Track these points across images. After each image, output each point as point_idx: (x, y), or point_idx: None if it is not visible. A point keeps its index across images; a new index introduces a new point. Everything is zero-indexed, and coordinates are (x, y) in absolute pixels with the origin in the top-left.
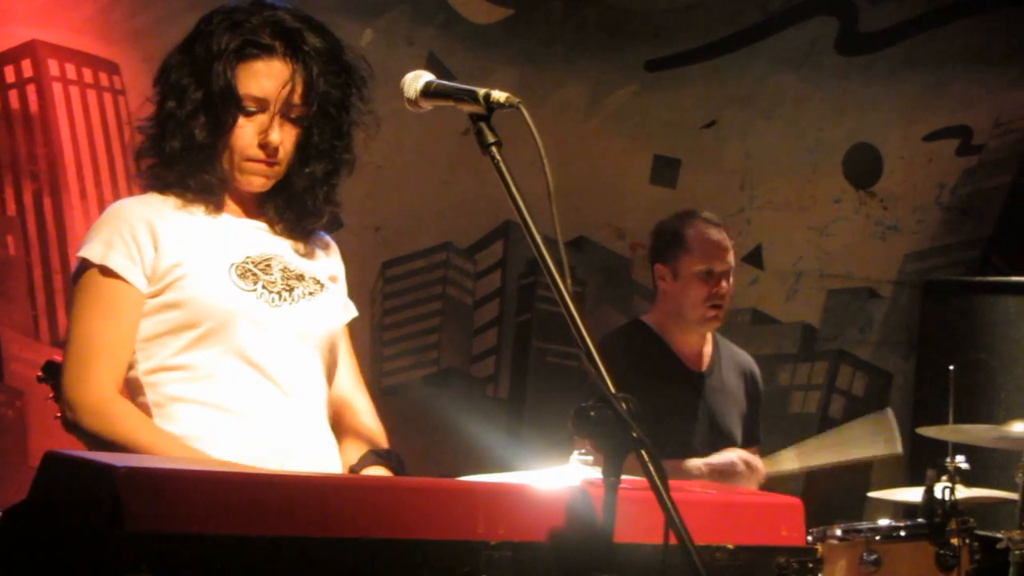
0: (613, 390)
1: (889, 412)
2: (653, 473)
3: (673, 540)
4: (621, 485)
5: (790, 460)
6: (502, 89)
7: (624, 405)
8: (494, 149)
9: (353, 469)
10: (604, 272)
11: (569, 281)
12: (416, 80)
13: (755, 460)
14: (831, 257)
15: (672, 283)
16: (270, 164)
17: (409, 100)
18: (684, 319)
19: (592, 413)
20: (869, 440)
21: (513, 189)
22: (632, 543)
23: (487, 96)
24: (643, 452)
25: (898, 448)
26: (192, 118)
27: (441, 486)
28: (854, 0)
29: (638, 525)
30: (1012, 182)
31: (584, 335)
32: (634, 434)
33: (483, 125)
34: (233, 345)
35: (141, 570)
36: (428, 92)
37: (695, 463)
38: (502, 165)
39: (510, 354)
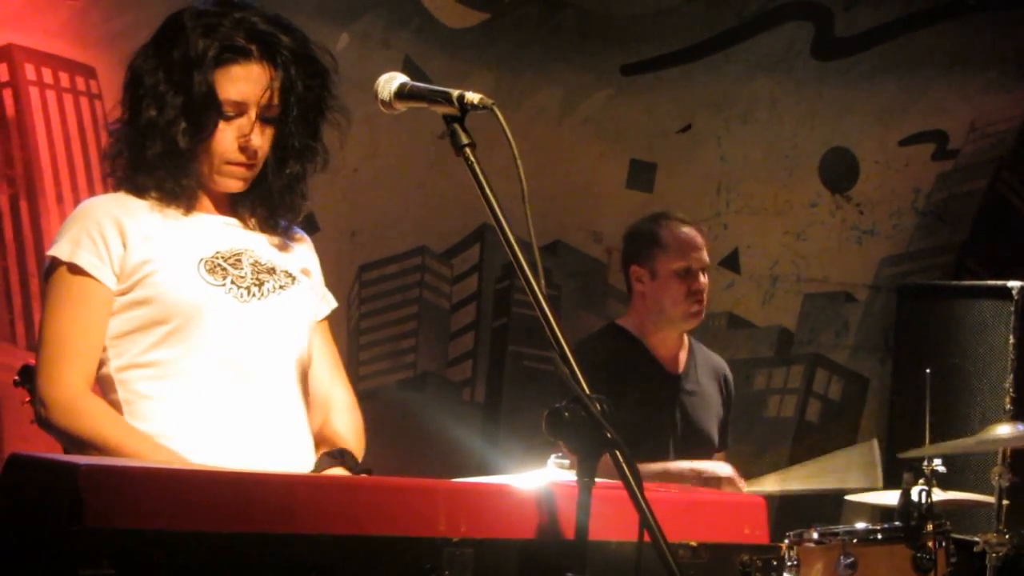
0: (587, 391)
1: (874, 443)
2: (627, 474)
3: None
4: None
5: (771, 484)
6: (477, 92)
7: (597, 406)
8: (468, 151)
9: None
10: (580, 276)
11: (543, 283)
12: (390, 82)
13: (740, 483)
14: (807, 261)
15: (650, 283)
16: (249, 167)
17: (383, 102)
18: (666, 318)
19: (566, 414)
20: (851, 472)
21: (487, 190)
22: (596, 541)
23: (460, 97)
24: (617, 452)
25: (879, 483)
26: (173, 124)
27: (403, 484)
28: (829, 5)
29: (603, 523)
30: (987, 187)
31: (558, 336)
32: (608, 435)
33: (457, 127)
34: (202, 341)
35: (102, 565)
36: (402, 94)
37: (682, 465)
38: (476, 167)
39: (486, 358)
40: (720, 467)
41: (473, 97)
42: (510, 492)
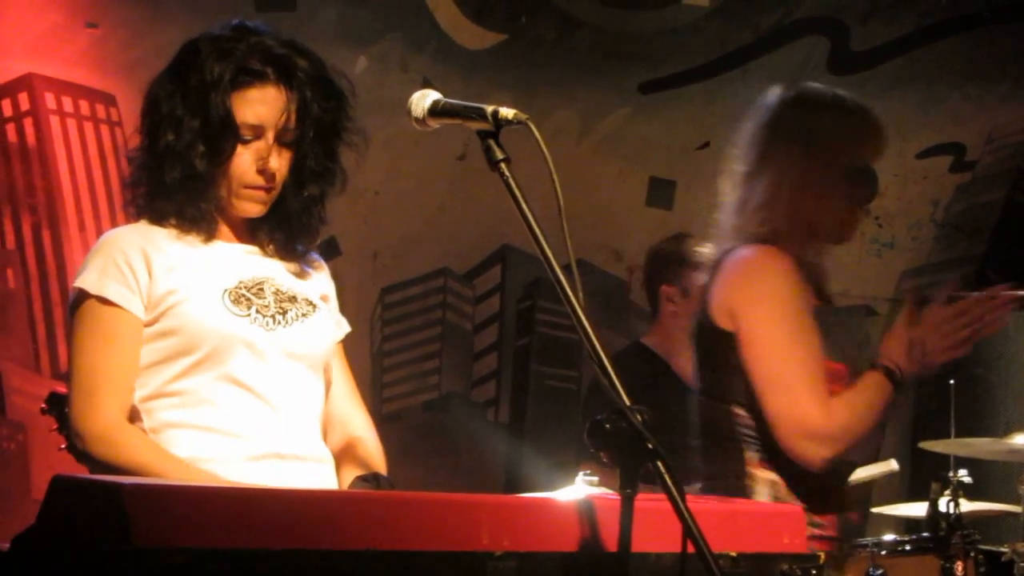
0: (628, 402)
1: (893, 462)
2: (670, 484)
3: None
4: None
5: None
6: None
7: (639, 417)
8: (503, 166)
9: None
10: (602, 294)
11: (581, 296)
12: (423, 99)
13: None
14: (827, 275)
15: (683, 302)
16: (267, 190)
17: (416, 119)
18: None
19: (607, 426)
20: (868, 470)
21: (523, 205)
22: (637, 553)
23: (495, 113)
24: (659, 463)
25: (893, 465)
26: (191, 149)
27: (445, 499)
28: (845, 20)
29: (644, 534)
30: (1005, 197)
31: (598, 348)
32: (649, 445)
33: (491, 142)
34: (228, 370)
35: None
36: (436, 111)
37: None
38: (511, 181)
39: (510, 378)
40: None
41: (507, 113)
42: (552, 505)
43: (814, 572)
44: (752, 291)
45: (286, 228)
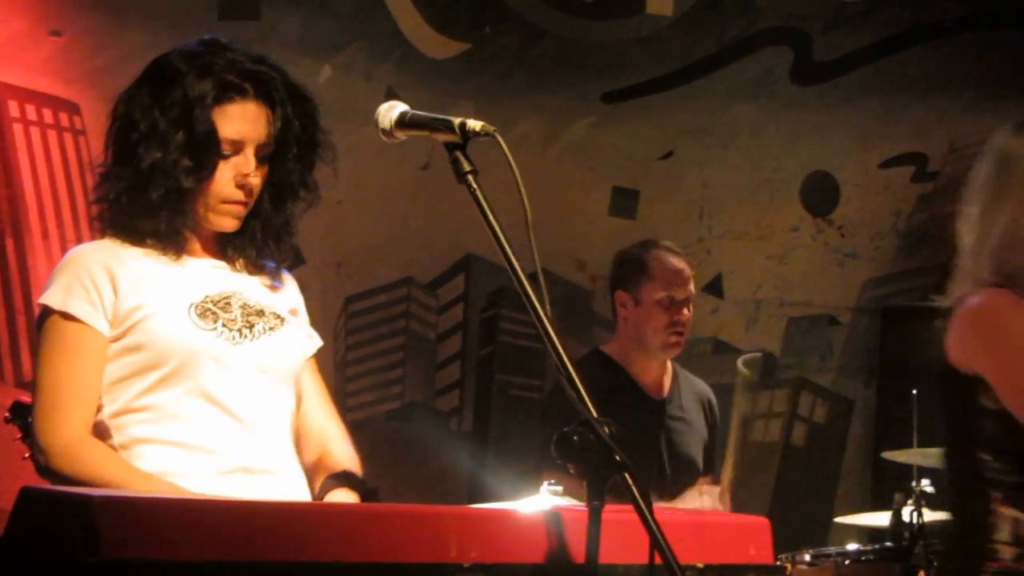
0: (595, 414)
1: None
2: (637, 496)
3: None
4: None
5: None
6: None
7: (606, 429)
8: (470, 178)
9: (316, 499)
10: (565, 304)
11: (548, 308)
12: (391, 110)
13: (715, 492)
14: (790, 285)
15: (633, 310)
16: (245, 204)
17: (384, 131)
18: (646, 346)
19: (575, 438)
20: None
21: (491, 218)
22: (605, 564)
23: (463, 125)
24: (627, 475)
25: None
26: (177, 164)
27: (413, 510)
28: (808, 30)
29: (611, 546)
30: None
31: (565, 361)
32: (617, 457)
33: (459, 154)
34: (196, 384)
35: None
36: (403, 122)
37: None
38: (479, 194)
39: (473, 387)
40: (693, 501)
41: (475, 124)
42: (520, 517)
43: None
44: (991, 336)
45: (257, 244)
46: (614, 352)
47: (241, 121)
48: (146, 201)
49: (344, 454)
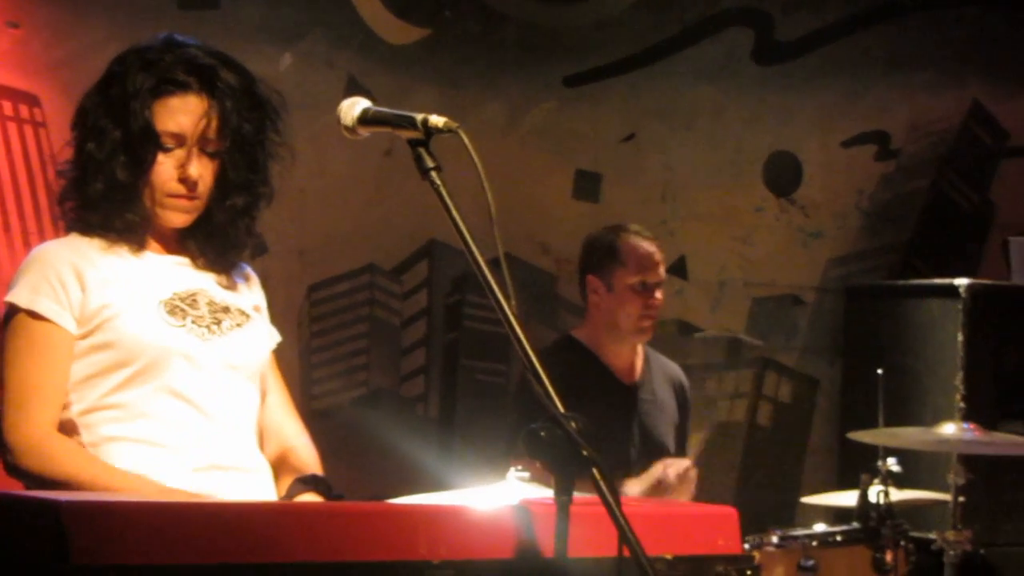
0: (561, 410)
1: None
2: (605, 491)
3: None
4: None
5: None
6: (423, 109)
7: (573, 424)
8: (434, 174)
9: (283, 501)
10: (530, 288)
11: (514, 303)
12: (353, 107)
13: (682, 465)
14: (754, 265)
15: (606, 296)
16: (190, 198)
17: (346, 127)
18: (618, 331)
19: (543, 434)
20: None
21: (455, 214)
22: (574, 558)
23: (425, 121)
24: (594, 470)
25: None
26: (112, 158)
27: (382, 509)
28: (769, 10)
29: (581, 540)
30: (930, 185)
31: (531, 356)
32: (584, 453)
33: (422, 150)
34: (165, 382)
35: None
36: (366, 119)
37: (628, 486)
38: (442, 190)
39: (439, 373)
40: (654, 469)
41: (437, 121)
42: (489, 513)
43: (749, 573)
44: None
45: (216, 241)
46: (584, 337)
47: (182, 114)
48: (86, 195)
49: (307, 454)
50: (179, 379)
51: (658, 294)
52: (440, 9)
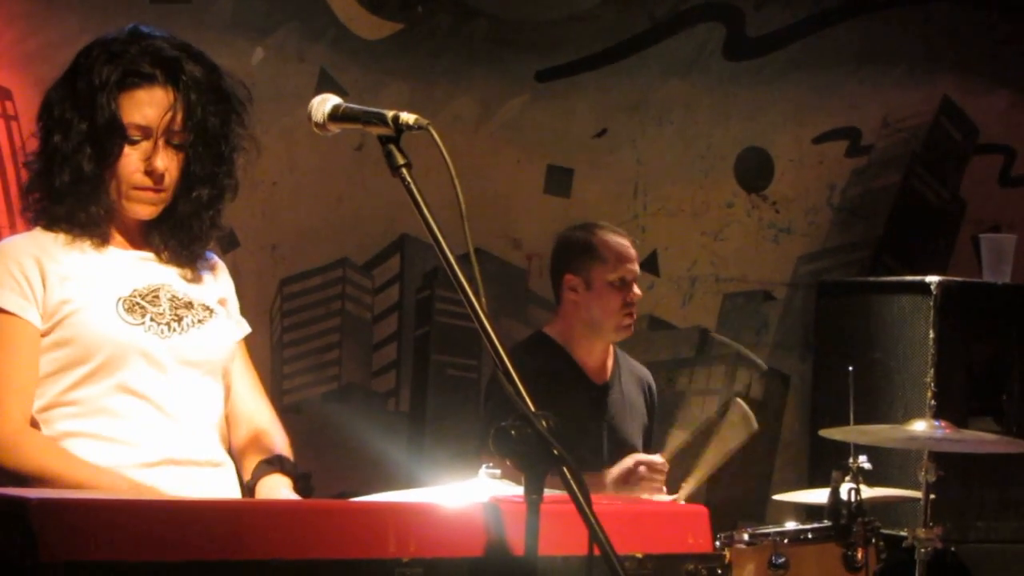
0: (532, 408)
1: (738, 400)
2: (576, 489)
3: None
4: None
5: (690, 485)
6: (395, 103)
7: (544, 423)
8: (404, 171)
9: (249, 484)
10: (501, 283)
11: (484, 300)
12: (323, 104)
13: (652, 459)
14: (725, 261)
15: (585, 293)
16: (156, 191)
17: (317, 124)
18: (596, 329)
19: (512, 432)
20: (732, 431)
21: (425, 211)
22: (544, 556)
23: (396, 118)
24: (565, 469)
25: (755, 425)
26: (78, 150)
27: (351, 507)
28: (740, 5)
29: (550, 538)
30: (901, 181)
31: (501, 354)
32: (555, 451)
33: (392, 147)
34: (123, 379)
35: None
36: (336, 116)
37: (606, 475)
38: (413, 187)
39: (410, 368)
40: (625, 462)
41: (408, 118)
42: (459, 511)
43: (719, 571)
44: None
45: (179, 233)
46: (557, 335)
47: (148, 107)
48: (52, 187)
49: (276, 436)
50: (136, 377)
51: (636, 290)
52: (412, 4)
